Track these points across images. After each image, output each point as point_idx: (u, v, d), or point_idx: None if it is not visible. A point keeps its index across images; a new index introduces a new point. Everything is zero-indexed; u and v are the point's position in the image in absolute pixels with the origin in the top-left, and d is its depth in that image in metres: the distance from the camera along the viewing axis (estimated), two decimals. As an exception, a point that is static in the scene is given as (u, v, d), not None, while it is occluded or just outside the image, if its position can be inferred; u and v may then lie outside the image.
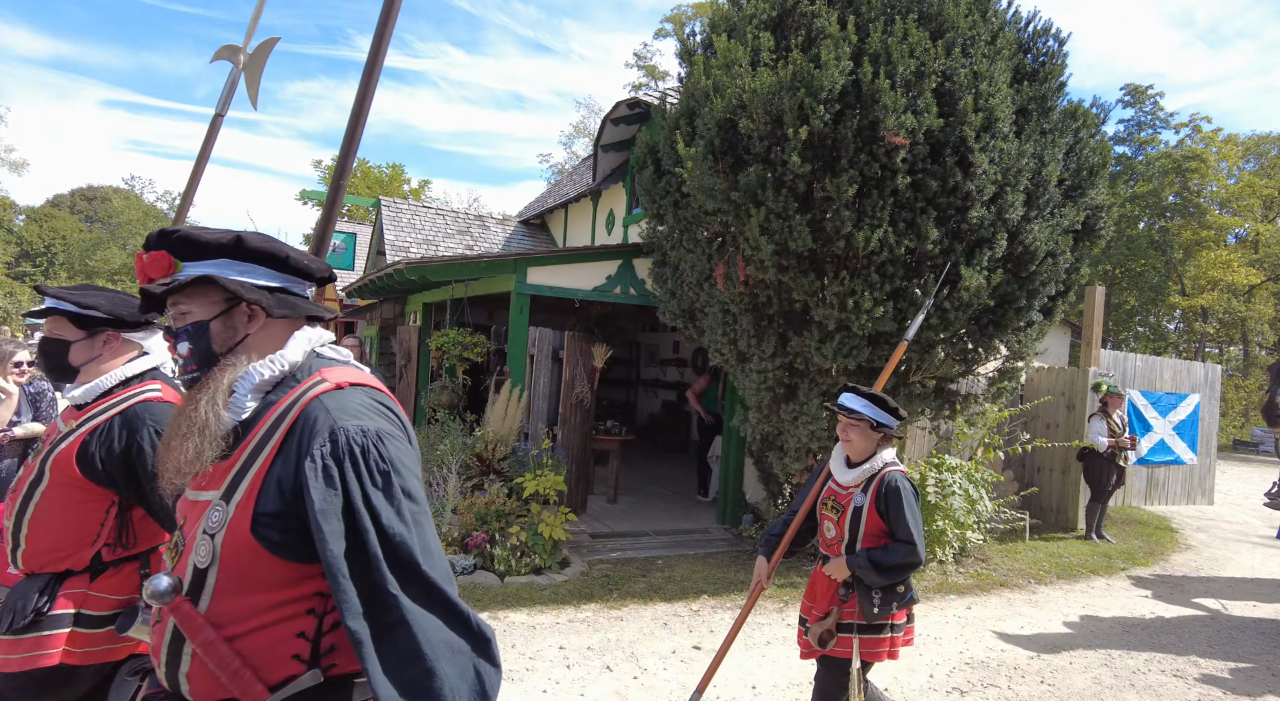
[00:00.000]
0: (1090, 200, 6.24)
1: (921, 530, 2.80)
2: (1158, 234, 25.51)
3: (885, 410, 2.95)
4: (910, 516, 2.79)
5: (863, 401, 2.96)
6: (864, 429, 2.93)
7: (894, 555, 2.78)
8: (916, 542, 2.76)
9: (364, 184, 31.86)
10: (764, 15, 5.88)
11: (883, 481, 2.88)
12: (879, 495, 2.86)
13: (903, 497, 2.81)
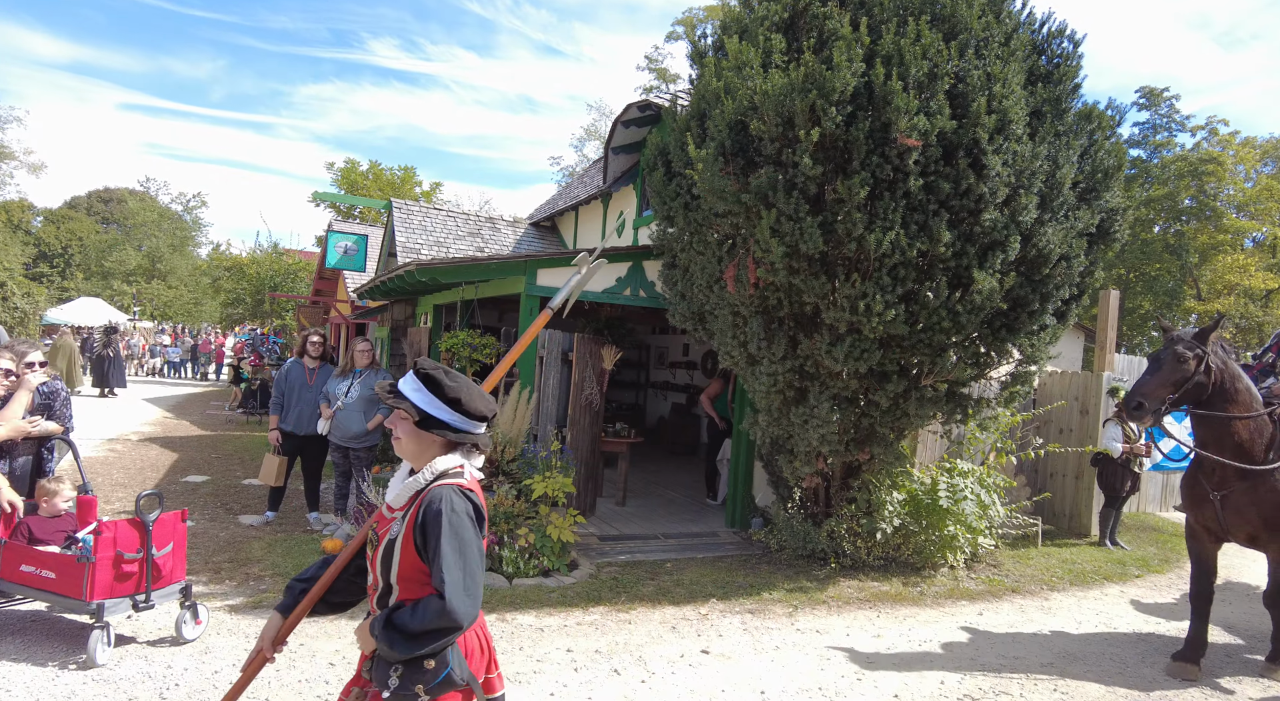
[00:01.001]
0: (1105, 203, 6.17)
1: (476, 574, 1.88)
2: (1173, 238, 25.26)
3: (443, 399, 2.00)
4: (452, 553, 1.85)
5: (414, 383, 2.03)
6: (410, 425, 2.02)
7: (419, 616, 1.82)
8: (455, 595, 1.81)
9: (375, 186, 32.03)
10: (775, 17, 5.86)
11: (424, 502, 1.93)
12: (417, 522, 1.92)
13: (444, 525, 1.87)
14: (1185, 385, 4.40)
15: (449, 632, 1.84)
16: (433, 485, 1.97)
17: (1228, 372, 4.48)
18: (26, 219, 43.92)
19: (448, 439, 2.02)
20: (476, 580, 1.88)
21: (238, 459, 10.40)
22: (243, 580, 5.33)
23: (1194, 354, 4.42)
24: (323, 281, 18.87)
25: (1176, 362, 4.41)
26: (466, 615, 1.82)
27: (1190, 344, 4.46)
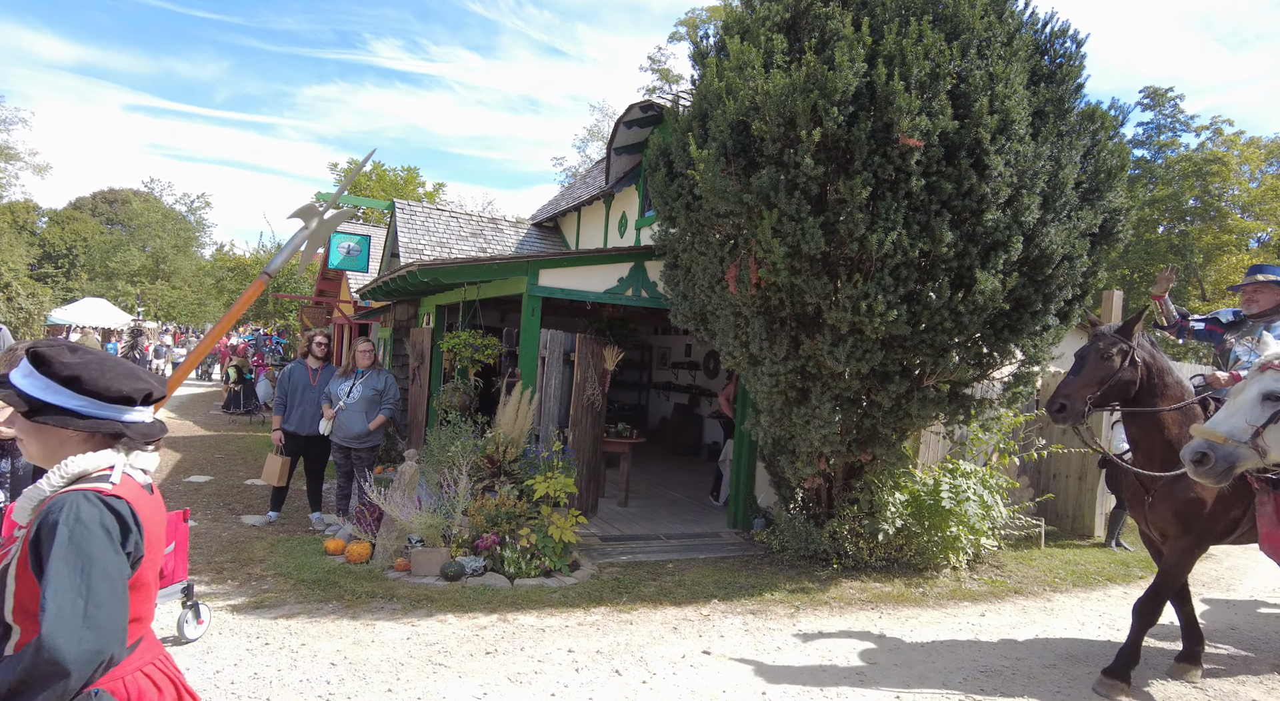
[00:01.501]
0: (1108, 203, 6.16)
1: (106, 604, 1.42)
2: (1177, 238, 25.20)
3: (57, 379, 1.60)
4: (67, 574, 1.41)
5: (25, 368, 1.62)
6: (22, 419, 1.63)
7: (12, 666, 1.36)
8: (59, 630, 1.35)
9: (379, 187, 32.09)
10: (777, 17, 5.86)
11: (42, 512, 1.50)
12: (33, 539, 1.49)
13: (59, 539, 1.44)
14: (1110, 382, 4.15)
15: (51, 684, 1.32)
16: (60, 491, 1.53)
17: (1155, 366, 4.26)
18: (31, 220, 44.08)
19: (78, 429, 1.60)
20: (106, 610, 1.41)
21: (240, 459, 10.42)
22: (245, 580, 5.33)
23: (1119, 349, 4.18)
24: (326, 282, 18.90)
25: (1100, 360, 4.18)
26: (76, 658, 1.33)
27: (1114, 339, 4.21)
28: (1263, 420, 3.16)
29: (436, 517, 5.83)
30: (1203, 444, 3.19)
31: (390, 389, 6.94)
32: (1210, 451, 3.16)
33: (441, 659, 4.18)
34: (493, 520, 5.88)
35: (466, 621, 4.77)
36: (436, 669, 4.05)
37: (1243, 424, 3.18)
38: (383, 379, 6.95)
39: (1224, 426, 3.21)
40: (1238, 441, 3.14)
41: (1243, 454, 3.14)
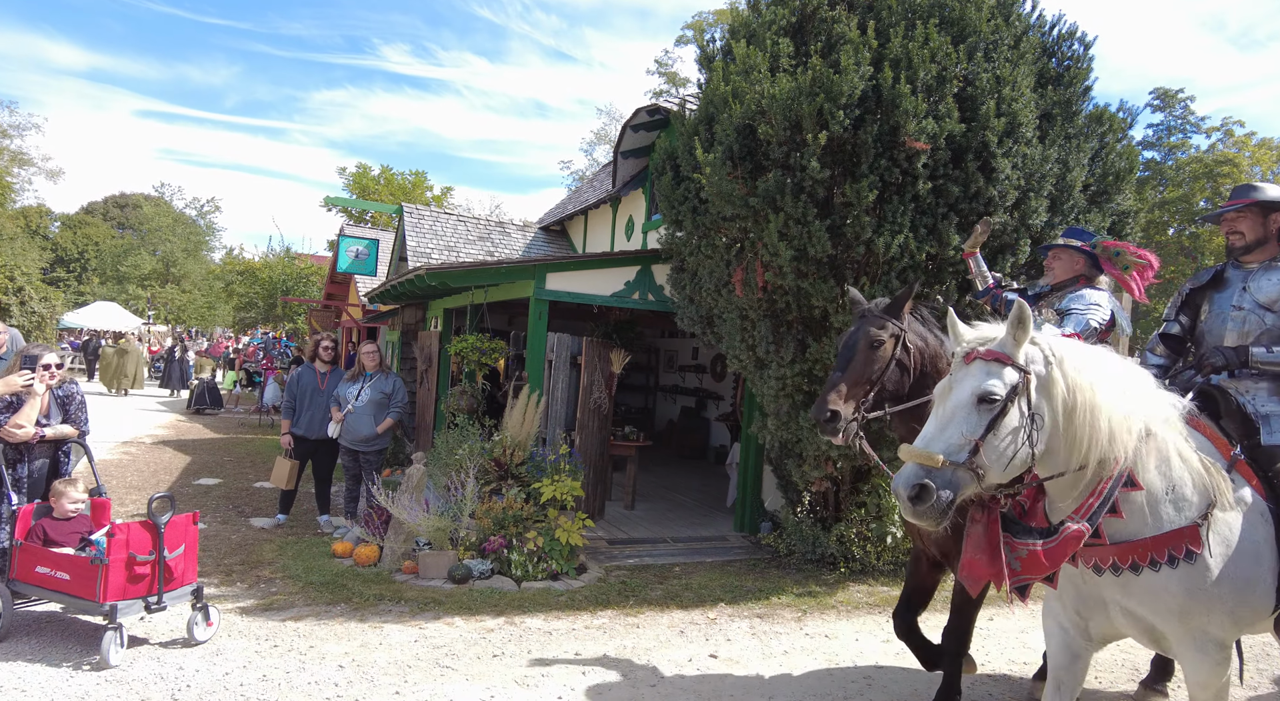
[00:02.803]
0: (1116, 206, 6.14)
1: None
2: (1188, 240, 25.04)
3: None
4: None
5: None
6: None
7: None
8: None
9: (387, 191, 32.23)
10: (783, 21, 5.87)
11: None
12: None
13: None
14: (884, 375, 3.40)
15: None
16: None
17: (928, 352, 3.52)
18: (44, 224, 44.46)
19: None
20: None
21: (249, 462, 10.48)
22: (254, 582, 5.37)
23: (890, 332, 3.43)
24: (334, 285, 19.00)
25: (871, 349, 3.40)
26: None
27: (881, 319, 3.47)
28: (980, 431, 2.32)
29: (444, 520, 5.85)
30: (917, 472, 2.30)
31: (398, 392, 6.97)
32: (929, 480, 2.27)
33: (449, 661, 4.20)
34: (500, 523, 5.90)
35: (473, 624, 4.79)
36: (444, 671, 4.07)
37: (958, 438, 2.33)
38: (391, 382, 6.98)
39: (939, 443, 2.34)
40: (955, 462, 2.30)
41: (963, 479, 2.30)
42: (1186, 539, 2.49)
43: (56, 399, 4.47)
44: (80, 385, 4.78)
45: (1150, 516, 2.52)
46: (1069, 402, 2.40)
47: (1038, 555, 2.44)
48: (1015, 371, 2.38)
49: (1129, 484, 2.49)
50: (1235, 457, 2.70)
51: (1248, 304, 3.08)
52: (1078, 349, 2.51)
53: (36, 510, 4.25)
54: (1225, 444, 2.73)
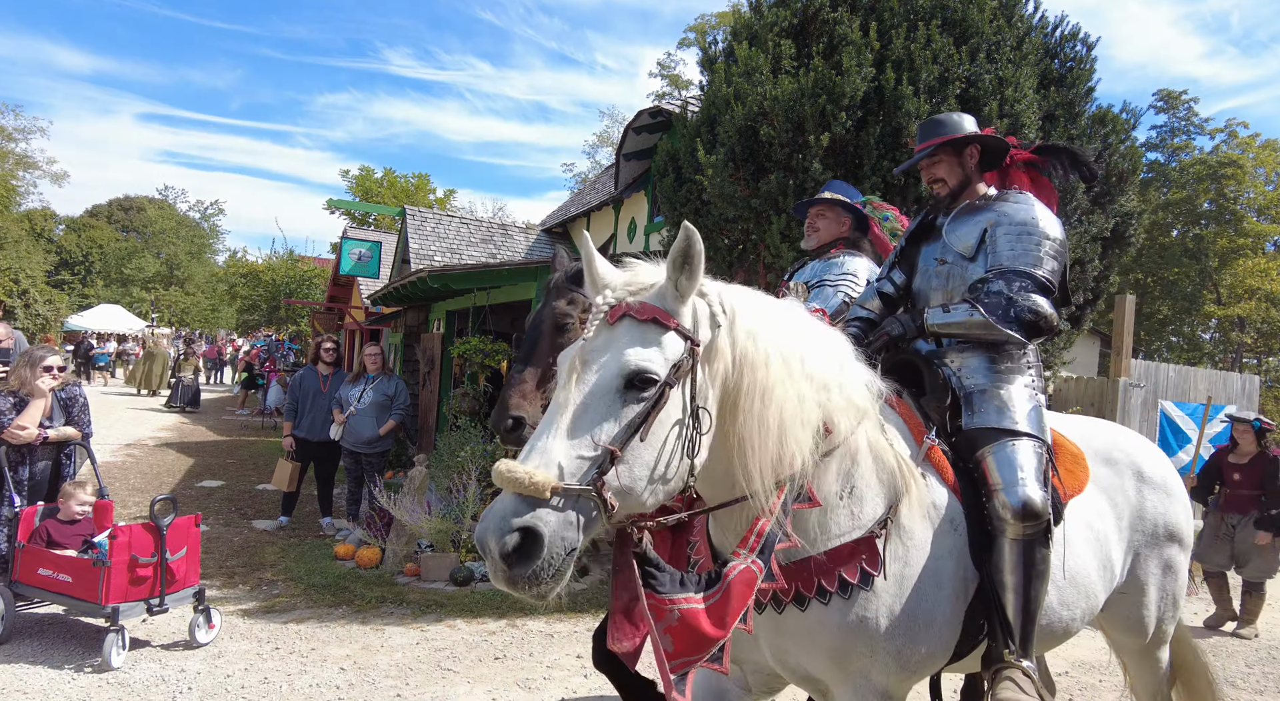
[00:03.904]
0: (1120, 207, 6.13)
1: None
2: (1192, 242, 24.98)
3: None
4: None
5: None
6: None
7: None
8: None
9: (390, 193, 32.29)
10: (785, 23, 5.87)
11: None
12: None
13: None
14: None
15: None
16: None
17: None
18: (49, 227, 44.60)
19: None
20: None
21: (252, 464, 10.49)
22: (256, 584, 5.36)
23: (581, 307, 2.77)
24: (337, 288, 19.03)
25: (557, 330, 2.78)
26: None
27: (569, 291, 2.82)
28: (623, 433, 1.52)
29: (446, 522, 5.85)
30: (515, 508, 1.43)
31: (400, 394, 6.97)
32: (537, 522, 1.42)
33: (450, 664, 4.19)
34: (502, 525, 5.88)
35: (475, 626, 4.78)
36: (445, 674, 4.06)
37: (589, 446, 1.49)
38: (393, 384, 6.98)
39: (561, 453, 1.48)
40: (579, 486, 1.46)
41: (586, 512, 1.48)
42: (862, 555, 1.88)
43: (59, 401, 4.48)
44: (83, 388, 4.79)
45: (819, 531, 1.88)
46: (734, 384, 1.66)
47: (697, 618, 1.63)
48: (680, 339, 1.61)
49: (806, 498, 1.82)
50: (928, 444, 2.10)
51: (950, 256, 2.45)
52: (755, 302, 1.81)
53: (42, 512, 4.26)
54: (921, 428, 2.14)
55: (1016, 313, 2.18)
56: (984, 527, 2.07)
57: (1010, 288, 2.20)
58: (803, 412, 1.74)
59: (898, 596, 1.92)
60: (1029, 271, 2.23)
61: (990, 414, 2.21)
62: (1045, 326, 2.20)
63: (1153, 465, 2.64)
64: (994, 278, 2.25)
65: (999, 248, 2.29)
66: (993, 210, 2.37)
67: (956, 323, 2.25)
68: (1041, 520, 2.04)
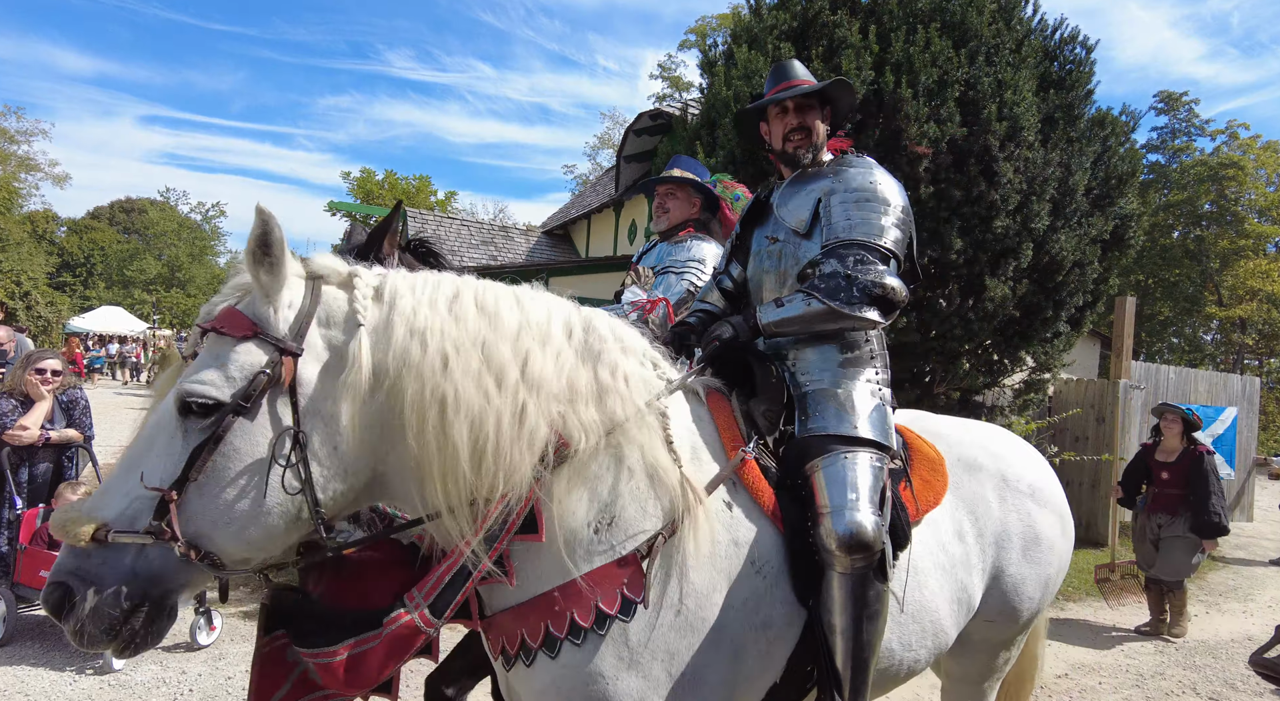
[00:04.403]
0: (1119, 209, 6.13)
1: None
2: (1193, 243, 24.98)
3: None
4: None
5: None
6: None
7: None
8: None
9: (391, 195, 32.34)
10: (785, 26, 5.88)
11: None
12: None
13: None
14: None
15: None
16: None
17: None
18: (51, 229, 44.70)
19: None
20: None
21: (254, 466, 10.49)
22: (257, 587, 5.37)
23: None
24: (338, 290, 19.09)
25: None
26: None
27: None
28: (179, 469, 1.31)
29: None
30: (65, 561, 1.33)
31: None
32: (69, 580, 1.31)
33: (451, 666, 4.20)
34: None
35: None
36: (446, 676, 4.06)
37: (138, 489, 1.31)
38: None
39: (111, 500, 1.32)
40: (128, 533, 1.29)
41: (151, 565, 1.30)
42: (622, 581, 1.51)
43: (61, 403, 4.49)
44: (84, 390, 4.80)
45: (555, 568, 1.52)
46: (392, 395, 1.39)
47: (333, 669, 1.45)
48: (261, 349, 1.36)
49: (529, 528, 1.50)
50: (738, 460, 1.73)
51: (782, 233, 2.11)
52: (436, 292, 1.50)
53: (44, 514, 4.27)
54: (738, 439, 1.79)
55: (860, 290, 1.85)
56: (814, 558, 1.71)
57: (846, 264, 1.89)
58: (519, 427, 1.44)
59: (655, 650, 1.53)
60: (869, 242, 1.91)
61: (828, 418, 1.87)
62: (895, 301, 1.89)
63: (1021, 469, 2.28)
64: (827, 256, 1.93)
65: (834, 218, 1.97)
66: (827, 178, 2.04)
67: (794, 317, 1.91)
68: (873, 551, 1.68)
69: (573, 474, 1.53)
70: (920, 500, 1.97)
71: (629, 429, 1.59)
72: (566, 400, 1.52)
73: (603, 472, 1.57)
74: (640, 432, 1.60)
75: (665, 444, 1.64)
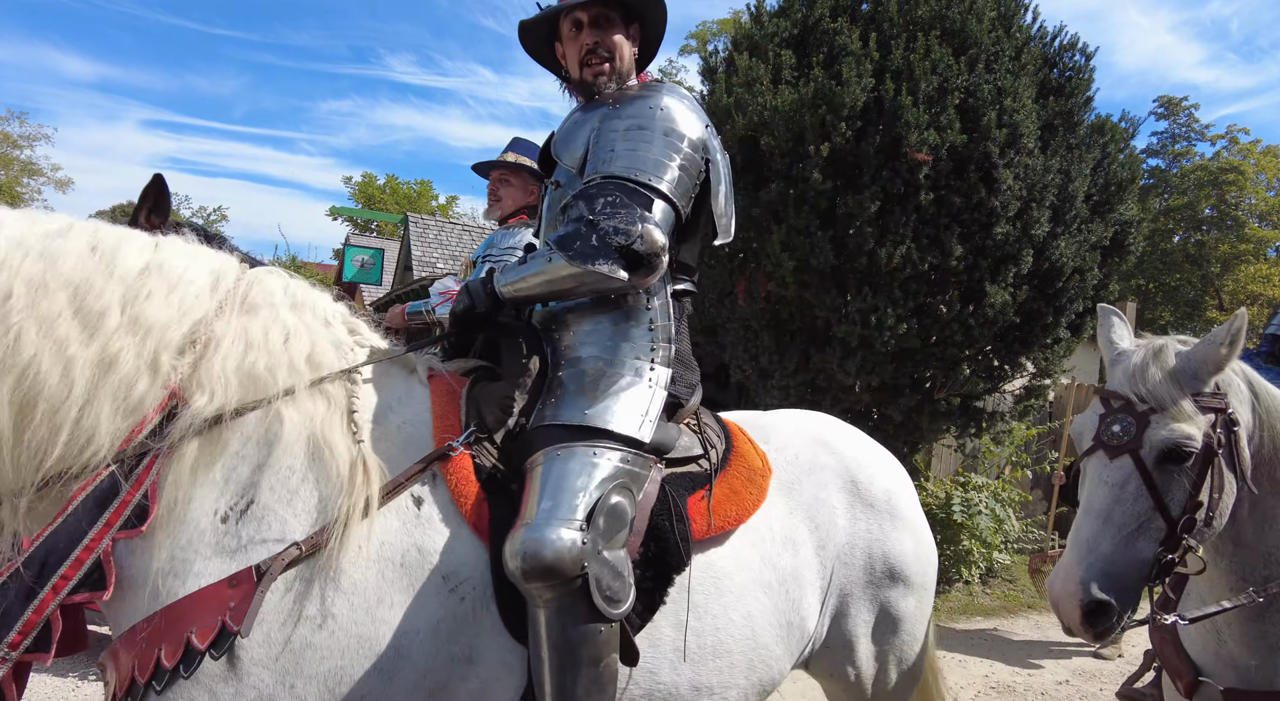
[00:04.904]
0: (1119, 215, 6.15)
1: None
2: (1193, 247, 25.00)
3: None
4: None
5: None
6: None
7: None
8: None
9: (392, 200, 32.41)
10: (785, 33, 5.91)
11: None
12: None
13: None
14: None
15: None
16: None
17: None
18: (53, 233, 44.78)
19: None
20: None
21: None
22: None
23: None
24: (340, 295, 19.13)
25: None
26: None
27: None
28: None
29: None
30: None
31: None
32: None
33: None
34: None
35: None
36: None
37: None
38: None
39: None
40: None
41: None
42: (222, 607, 1.18)
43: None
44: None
45: (167, 574, 1.22)
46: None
47: None
48: None
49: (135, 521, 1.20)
50: (446, 452, 1.42)
51: (563, 176, 1.78)
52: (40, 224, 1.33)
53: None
54: (455, 427, 1.49)
55: (600, 239, 1.47)
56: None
57: (595, 207, 1.50)
58: (103, 375, 1.18)
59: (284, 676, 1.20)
60: (629, 178, 1.54)
61: (564, 404, 1.51)
62: (643, 253, 1.48)
63: (872, 476, 1.96)
64: (577, 197, 1.57)
65: (598, 150, 1.60)
66: (607, 105, 1.69)
67: (534, 278, 1.54)
68: (563, 578, 1.32)
69: (204, 447, 1.23)
70: (719, 513, 1.61)
71: (298, 397, 1.31)
72: (197, 353, 1.26)
73: (247, 449, 1.28)
74: (312, 402, 1.32)
75: (346, 419, 1.36)
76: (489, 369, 1.62)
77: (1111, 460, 1.60)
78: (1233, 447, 1.61)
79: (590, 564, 1.35)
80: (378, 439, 1.40)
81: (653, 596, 1.49)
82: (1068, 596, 1.53)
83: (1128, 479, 1.57)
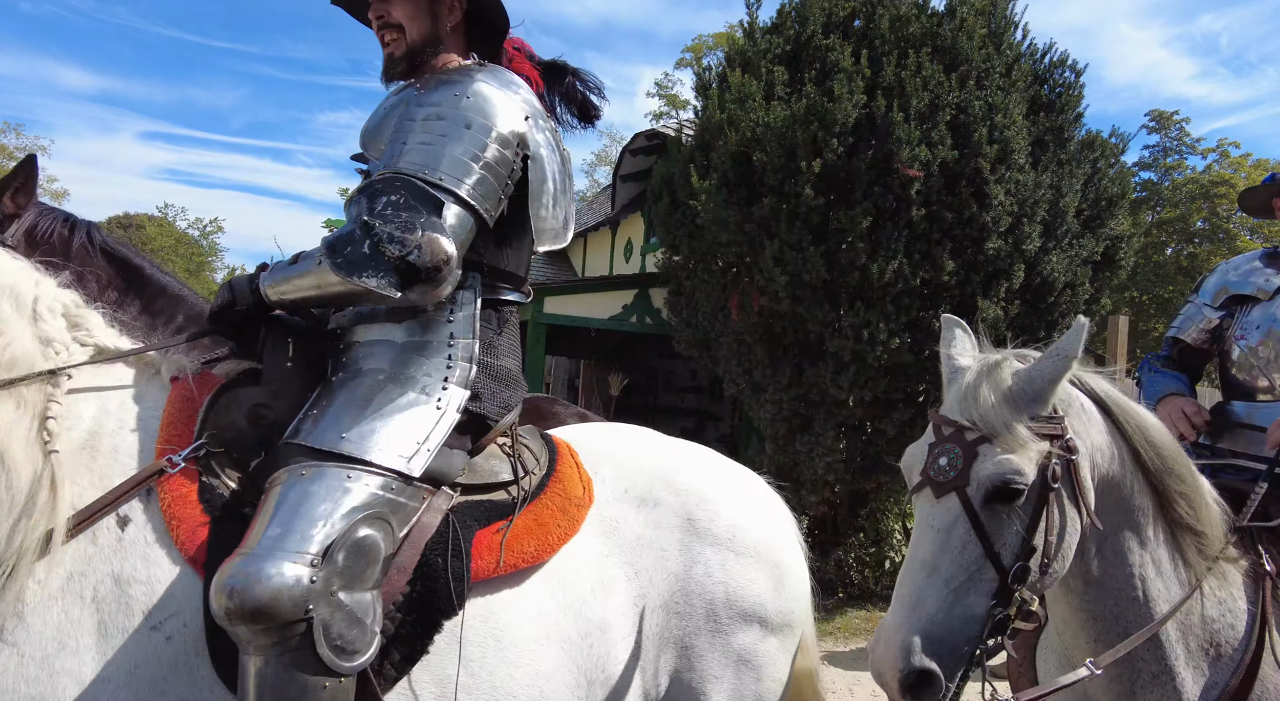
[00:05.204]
0: (1110, 230, 6.18)
1: None
2: (1185, 260, 25.14)
3: None
4: None
5: None
6: None
7: None
8: None
9: (389, 212, 32.44)
10: (778, 50, 5.95)
11: None
12: None
13: None
14: None
15: None
16: None
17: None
18: (47, 245, 44.74)
19: None
20: None
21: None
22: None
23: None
24: (335, 306, 19.10)
25: None
26: None
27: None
28: None
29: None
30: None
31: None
32: None
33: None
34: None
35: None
36: None
37: None
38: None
39: None
40: None
41: None
42: None
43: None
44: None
45: None
46: None
47: None
48: None
49: None
50: (163, 468, 1.26)
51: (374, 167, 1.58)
52: None
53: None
54: (187, 438, 1.32)
55: (373, 248, 1.30)
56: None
57: (373, 207, 1.34)
58: None
59: None
60: (417, 176, 1.36)
61: (338, 423, 1.31)
62: (427, 266, 1.30)
63: (715, 512, 1.67)
64: (360, 193, 1.40)
65: (394, 141, 1.44)
66: (414, 89, 1.53)
67: (303, 282, 1.36)
68: (279, 622, 1.12)
69: None
70: (513, 550, 1.40)
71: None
72: None
73: None
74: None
75: (38, 425, 1.16)
76: (257, 373, 1.42)
77: (938, 499, 1.39)
78: (1073, 478, 1.40)
79: (317, 606, 1.14)
80: (81, 450, 1.20)
81: (413, 645, 1.27)
82: (887, 665, 1.30)
83: (954, 522, 1.36)
